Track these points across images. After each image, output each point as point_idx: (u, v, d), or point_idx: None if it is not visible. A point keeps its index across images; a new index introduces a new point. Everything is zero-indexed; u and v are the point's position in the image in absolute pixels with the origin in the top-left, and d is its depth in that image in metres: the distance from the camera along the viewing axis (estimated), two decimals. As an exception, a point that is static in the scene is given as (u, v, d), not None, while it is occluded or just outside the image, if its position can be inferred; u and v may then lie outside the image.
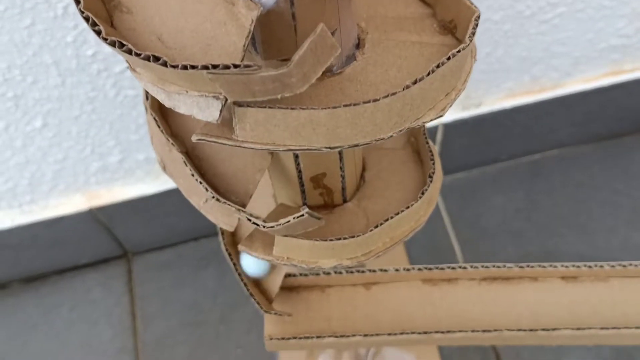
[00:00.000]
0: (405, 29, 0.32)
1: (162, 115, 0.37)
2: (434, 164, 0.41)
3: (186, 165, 0.35)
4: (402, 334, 0.47)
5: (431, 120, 0.28)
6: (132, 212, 0.80)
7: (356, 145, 0.27)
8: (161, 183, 0.77)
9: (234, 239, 0.48)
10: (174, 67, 0.23)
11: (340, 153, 0.37)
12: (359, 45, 0.32)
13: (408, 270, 0.49)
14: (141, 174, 0.76)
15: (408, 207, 0.39)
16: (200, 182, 0.35)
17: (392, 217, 0.38)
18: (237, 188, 0.37)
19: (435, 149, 0.43)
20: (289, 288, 0.50)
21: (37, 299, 0.88)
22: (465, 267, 0.49)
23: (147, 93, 0.35)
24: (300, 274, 0.49)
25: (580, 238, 0.84)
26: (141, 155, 0.73)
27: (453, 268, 0.49)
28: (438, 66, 0.27)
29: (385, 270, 0.49)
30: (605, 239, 0.84)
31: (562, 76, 0.77)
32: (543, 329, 0.47)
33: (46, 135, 0.66)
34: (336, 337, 0.47)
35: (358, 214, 0.41)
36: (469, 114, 0.78)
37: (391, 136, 0.27)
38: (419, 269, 0.49)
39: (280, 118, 0.26)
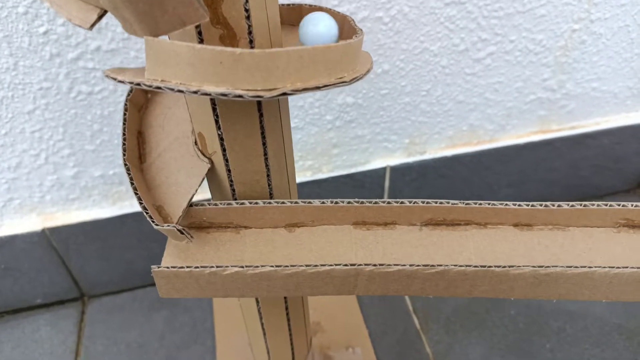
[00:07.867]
0: None
1: None
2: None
3: None
4: (322, 265, 0.29)
5: None
6: (87, 241, 0.62)
7: None
8: (118, 208, 0.60)
9: (149, 198, 0.32)
10: None
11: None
12: None
13: (336, 202, 0.31)
14: (98, 197, 0.59)
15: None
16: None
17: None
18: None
19: None
20: (198, 227, 0.32)
21: (-15, 338, 0.66)
22: (402, 202, 0.31)
23: None
24: (209, 203, 0.31)
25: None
26: (97, 171, 0.56)
27: (389, 203, 0.31)
28: None
29: (310, 202, 0.31)
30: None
31: (496, 129, 0.64)
32: (497, 266, 0.29)
33: (-2, 130, 0.50)
34: (240, 267, 0.29)
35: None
36: (414, 159, 0.63)
37: None
38: (349, 202, 0.31)
39: None
